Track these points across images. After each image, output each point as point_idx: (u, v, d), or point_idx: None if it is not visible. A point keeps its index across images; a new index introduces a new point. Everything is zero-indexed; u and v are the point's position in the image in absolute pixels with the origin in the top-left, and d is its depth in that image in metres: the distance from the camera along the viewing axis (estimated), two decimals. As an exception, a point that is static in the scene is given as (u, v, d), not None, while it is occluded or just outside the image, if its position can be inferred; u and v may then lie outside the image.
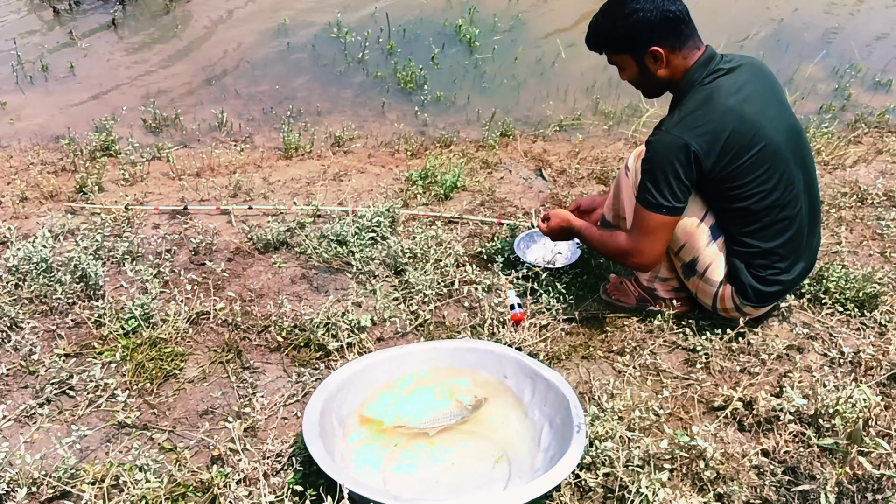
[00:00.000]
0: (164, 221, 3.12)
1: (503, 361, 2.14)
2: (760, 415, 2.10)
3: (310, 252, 2.86)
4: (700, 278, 2.35)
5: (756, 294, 2.29)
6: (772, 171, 2.16)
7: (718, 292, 2.34)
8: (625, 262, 2.36)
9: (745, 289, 2.29)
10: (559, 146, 3.90)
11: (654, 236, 2.25)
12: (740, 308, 2.34)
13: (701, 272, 2.33)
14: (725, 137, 2.10)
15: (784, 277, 2.29)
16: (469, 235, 3.03)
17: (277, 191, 3.37)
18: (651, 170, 2.17)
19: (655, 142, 2.16)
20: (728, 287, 2.33)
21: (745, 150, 2.12)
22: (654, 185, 2.17)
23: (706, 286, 2.35)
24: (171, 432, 2.09)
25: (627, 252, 2.30)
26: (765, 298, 2.32)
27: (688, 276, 2.38)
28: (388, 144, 3.91)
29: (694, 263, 2.33)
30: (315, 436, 1.83)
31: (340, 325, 2.40)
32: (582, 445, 1.83)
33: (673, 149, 2.12)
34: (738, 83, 2.16)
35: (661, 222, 2.21)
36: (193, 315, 2.50)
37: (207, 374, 2.29)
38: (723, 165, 2.12)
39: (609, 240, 2.38)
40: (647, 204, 2.20)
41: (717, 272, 2.32)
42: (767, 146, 2.14)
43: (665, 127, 2.16)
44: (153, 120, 4.04)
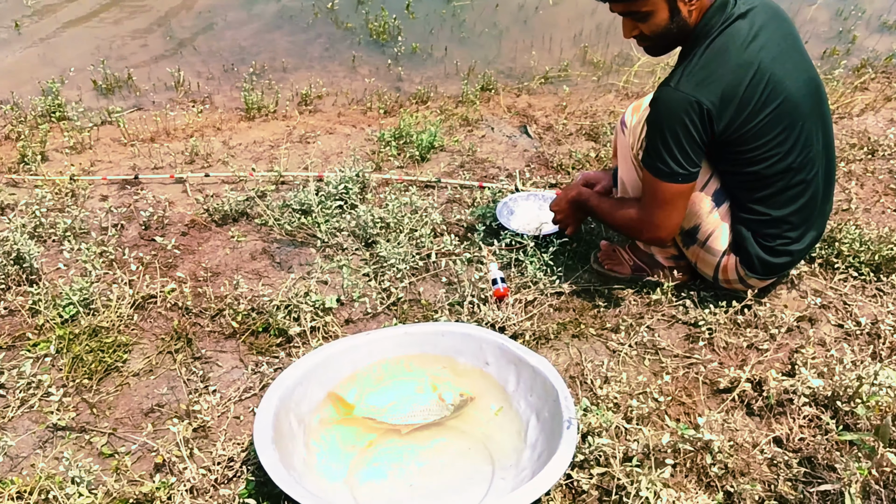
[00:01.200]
0: (112, 193, 2.84)
1: (483, 346, 1.90)
2: (771, 397, 1.88)
3: (271, 224, 2.60)
4: (701, 247, 2.10)
5: (762, 265, 2.06)
6: (789, 130, 1.90)
7: (721, 262, 2.10)
8: (639, 237, 2.14)
9: (751, 259, 2.05)
10: (545, 100, 3.62)
11: (670, 207, 2.00)
12: (744, 280, 2.11)
13: (702, 240, 2.09)
14: (741, 94, 1.84)
15: (794, 247, 2.05)
16: (447, 201, 2.77)
17: (238, 155, 3.09)
18: (660, 132, 1.91)
19: (664, 99, 1.89)
20: (732, 257, 2.09)
21: (762, 107, 1.86)
22: (665, 149, 1.91)
23: (707, 255, 2.11)
24: (112, 435, 1.85)
25: (640, 226, 2.07)
26: (772, 270, 2.08)
27: (687, 244, 2.14)
28: (359, 102, 3.62)
29: (695, 231, 2.08)
30: (267, 441, 1.60)
31: (303, 306, 2.15)
32: (573, 444, 1.60)
33: (684, 107, 1.85)
34: (754, 30, 1.88)
35: (678, 191, 1.96)
36: (139, 299, 2.25)
37: (154, 366, 2.05)
38: (737, 125, 1.87)
39: (618, 212, 2.14)
40: (658, 173, 1.94)
41: (720, 241, 2.07)
42: (786, 102, 1.88)
43: (674, 82, 1.88)
44: (104, 81, 3.73)
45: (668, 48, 2.01)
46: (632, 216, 2.08)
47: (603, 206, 2.20)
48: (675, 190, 1.96)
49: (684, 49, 1.97)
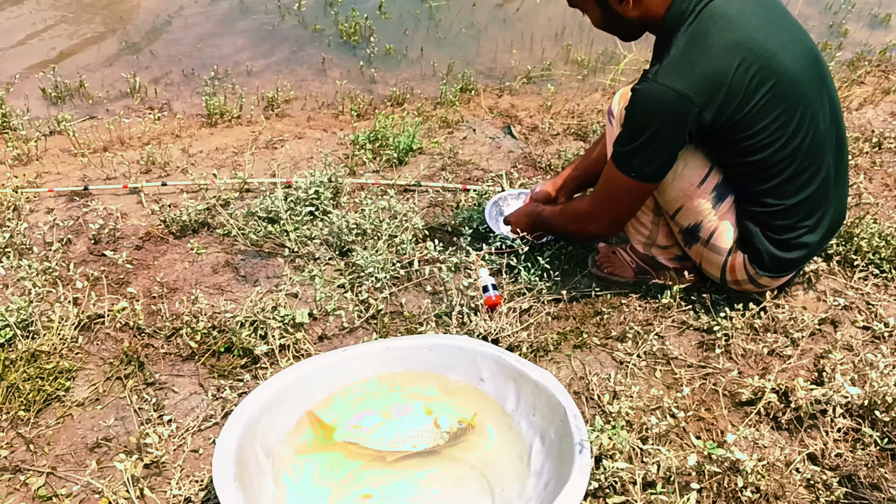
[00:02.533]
0: (60, 206, 2.58)
1: (478, 360, 1.67)
2: (801, 409, 1.67)
3: (235, 234, 2.35)
4: (704, 246, 1.90)
5: (774, 262, 1.85)
6: (790, 110, 1.70)
7: (728, 261, 1.90)
8: (584, 230, 1.99)
9: (761, 256, 1.85)
10: (528, 100, 3.42)
11: (618, 201, 1.88)
12: (755, 279, 1.90)
13: (705, 238, 1.88)
14: (730, 78, 1.64)
15: (809, 238, 1.85)
16: (429, 205, 2.55)
17: (199, 163, 2.85)
18: (634, 125, 1.74)
19: (641, 92, 1.70)
20: (740, 255, 1.88)
21: (756, 89, 1.66)
22: (630, 140, 1.74)
23: (712, 255, 1.91)
24: (51, 475, 1.60)
25: (587, 217, 1.95)
26: (785, 266, 1.88)
27: (689, 244, 1.94)
28: (330, 105, 3.39)
29: (696, 229, 1.88)
30: (229, 479, 1.35)
31: (270, 322, 1.90)
32: (587, 470, 1.38)
33: (662, 103, 1.67)
34: (736, 6, 1.69)
35: (629, 187, 1.81)
36: (85, 319, 1.99)
37: (101, 394, 1.80)
38: (730, 113, 1.67)
39: (570, 207, 2.04)
40: (617, 160, 1.79)
41: (725, 238, 1.87)
42: (783, 80, 1.68)
43: (652, 73, 1.69)
44: (53, 89, 3.46)
45: (635, 35, 1.89)
46: (580, 207, 1.99)
47: (555, 210, 2.09)
48: (627, 185, 1.80)
49: (660, 37, 1.79)
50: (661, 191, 1.85)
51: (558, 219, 2.06)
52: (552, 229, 2.12)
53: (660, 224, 1.96)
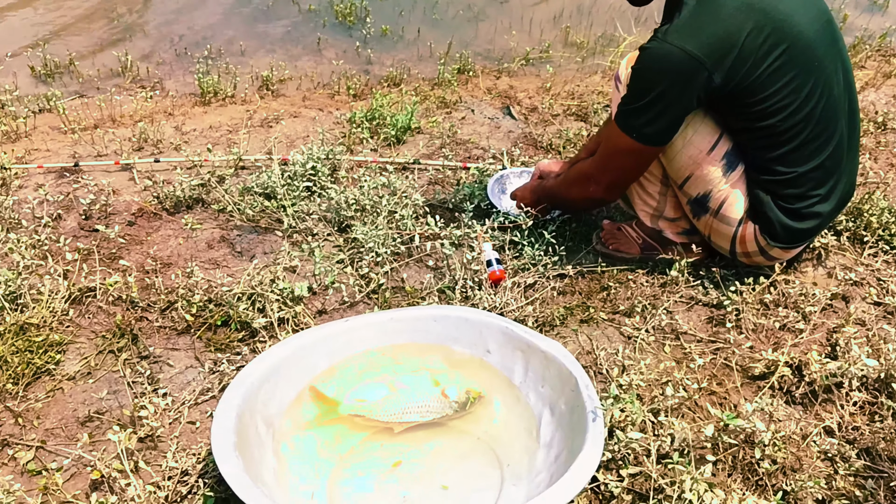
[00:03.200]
0: (49, 182, 2.51)
1: (484, 332, 1.62)
2: (815, 382, 1.63)
3: (230, 209, 2.29)
4: (714, 216, 1.85)
5: (786, 232, 1.81)
6: (803, 75, 1.66)
7: (738, 232, 1.85)
8: (585, 192, 1.92)
9: (773, 226, 1.80)
10: (527, 81, 3.36)
11: (618, 164, 1.82)
12: (765, 251, 1.86)
13: (715, 209, 1.84)
14: (741, 42, 1.60)
15: (821, 208, 1.81)
16: (429, 183, 2.49)
17: (192, 141, 2.78)
18: (640, 85, 1.69)
19: (650, 51, 1.65)
20: (750, 225, 1.84)
21: (769, 52, 1.62)
22: (635, 99, 1.69)
23: (722, 226, 1.86)
24: (40, 448, 1.53)
25: (586, 176, 1.90)
26: (797, 237, 1.84)
27: (698, 215, 1.89)
28: (326, 86, 3.33)
29: (705, 199, 1.83)
30: (229, 448, 1.30)
31: (269, 295, 1.85)
32: (601, 440, 1.33)
33: (670, 62, 1.62)
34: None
35: (630, 149, 1.76)
36: (76, 292, 1.92)
37: (93, 367, 1.73)
38: (741, 76, 1.62)
39: (573, 168, 1.97)
40: (620, 119, 1.75)
41: (735, 208, 1.83)
42: (795, 44, 1.64)
43: (661, 34, 1.64)
44: (43, 67, 3.38)
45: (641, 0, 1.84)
46: (582, 168, 1.93)
47: (558, 178, 2.03)
48: (628, 146, 1.75)
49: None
50: (669, 159, 1.81)
51: (561, 185, 2.01)
52: (556, 198, 2.06)
53: (668, 195, 1.92)
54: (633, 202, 1.99)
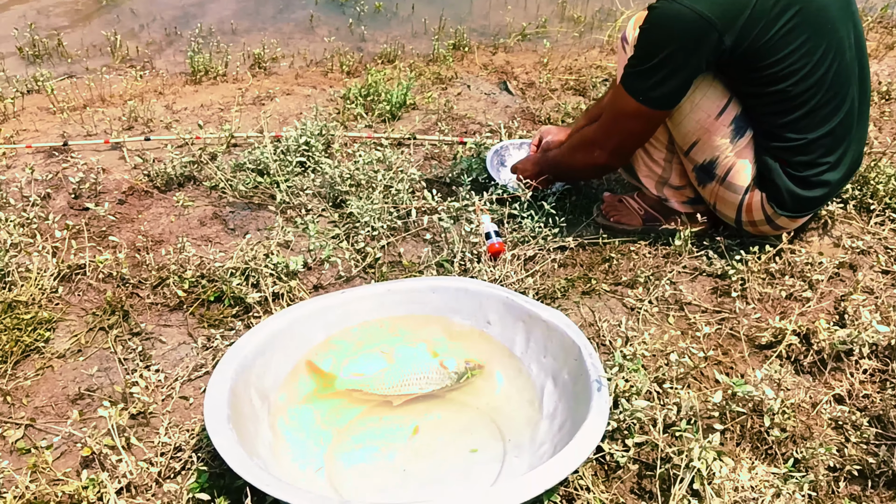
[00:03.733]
0: (38, 162, 2.45)
1: (484, 303, 1.58)
2: (823, 351, 1.59)
3: (223, 186, 2.24)
4: (720, 184, 1.81)
5: (794, 200, 1.77)
6: (815, 38, 1.61)
7: (744, 201, 1.81)
8: (588, 158, 1.87)
9: (780, 194, 1.76)
10: (524, 57, 3.31)
11: (623, 128, 1.77)
12: (772, 220, 1.82)
13: (721, 176, 1.79)
14: (753, 3, 1.55)
15: (830, 176, 1.76)
16: (425, 158, 2.45)
17: (183, 120, 2.73)
18: (645, 44, 1.64)
19: (659, 10, 1.60)
20: (757, 193, 1.79)
21: (779, 15, 1.57)
22: (642, 61, 1.65)
23: (728, 194, 1.82)
24: (30, 426, 1.49)
25: (590, 141, 1.84)
26: (804, 205, 1.79)
27: (703, 182, 1.84)
28: (319, 63, 3.27)
29: (711, 166, 1.79)
30: (222, 421, 1.25)
31: (263, 270, 1.80)
32: (605, 408, 1.29)
33: (680, 22, 1.57)
34: None
35: (635, 112, 1.71)
36: (65, 269, 1.88)
37: (83, 345, 1.69)
38: (750, 41, 1.57)
39: (576, 135, 1.92)
40: (626, 81, 1.70)
41: (742, 175, 1.78)
42: (807, 7, 1.59)
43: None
44: (31, 48, 3.32)
45: None
46: (586, 134, 1.87)
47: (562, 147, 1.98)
48: (634, 109, 1.71)
49: None
50: (675, 124, 1.76)
51: (565, 153, 1.96)
52: (560, 167, 2.01)
53: (673, 162, 1.87)
54: (637, 169, 1.94)
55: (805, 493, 1.24)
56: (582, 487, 1.29)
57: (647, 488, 1.31)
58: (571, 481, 1.30)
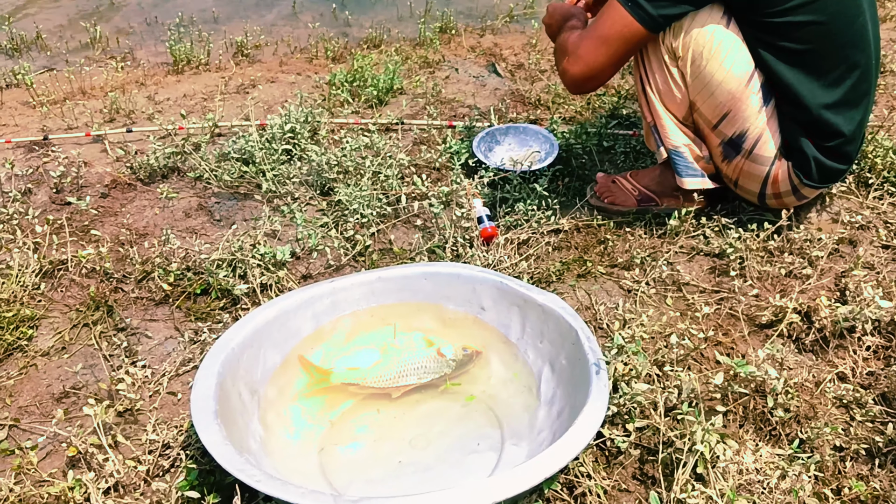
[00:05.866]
0: (18, 157, 2.40)
1: (477, 288, 1.54)
2: (826, 328, 1.56)
3: (208, 177, 2.19)
4: (747, 157, 1.75)
5: (820, 170, 1.72)
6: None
7: (770, 172, 1.75)
8: (559, 63, 1.77)
9: (808, 162, 1.71)
10: (512, 38, 3.26)
11: (603, 40, 1.67)
12: (797, 189, 1.76)
13: (748, 149, 1.73)
14: None
15: (851, 148, 1.73)
16: (413, 143, 2.40)
17: (166, 111, 2.67)
18: None
19: None
20: (783, 163, 1.74)
21: None
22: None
23: (754, 167, 1.76)
24: (14, 427, 1.45)
25: (569, 50, 1.72)
26: (829, 176, 1.75)
27: (729, 157, 1.77)
28: (303, 50, 3.21)
29: (741, 139, 1.72)
30: (209, 416, 1.21)
31: (250, 261, 1.75)
32: (605, 393, 1.26)
33: None
34: None
35: (622, 25, 1.64)
36: (47, 265, 1.83)
37: (67, 342, 1.64)
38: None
39: (565, 34, 1.77)
40: None
41: (769, 146, 1.72)
42: None
43: None
44: (9, 41, 3.25)
45: None
46: (569, 37, 1.74)
47: (568, 27, 1.81)
48: (621, 21, 1.63)
49: None
50: (706, 96, 1.69)
51: (560, 38, 1.81)
52: (556, 41, 1.86)
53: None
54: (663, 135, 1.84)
55: (812, 475, 1.21)
56: (583, 474, 1.26)
57: (650, 473, 1.27)
58: (572, 468, 1.27)
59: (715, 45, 1.65)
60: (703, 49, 1.66)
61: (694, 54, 1.67)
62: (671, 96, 1.76)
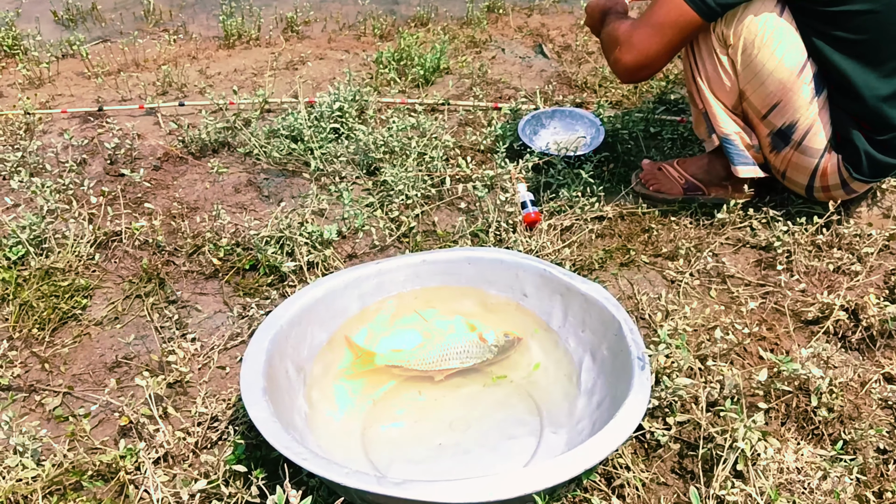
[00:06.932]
0: (74, 127, 2.46)
1: (520, 274, 1.54)
2: (873, 327, 1.54)
3: (257, 152, 2.22)
4: (796, 149, 1.73)
5: (871, 164, 1.69)
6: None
7: (819, 165, 1.73)
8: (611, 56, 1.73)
9: (859, 156, 1.68)
10: (559, 19, 3.23)
11: (658, 28, 1.63)
12: (847, 183, 1.74)
13: (798, 140, 1.71)
14: None
15: None
16: (459, 124, 2.40)
17: (217, 85, 2.71)
18: None
19: None
20: (833, 156, 1.72)
21: None
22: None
23: (803, 158, 1.74)
24: (68, 394, 1.50)
25: (620, 40, 1.68)
26: (881, 170, 1.71)
27: (778, 148, 1.76)
28: (351, 27, 3.23)
29: (790, 130, 1.70)
30: (258, 393, 1.24)
31: (297, 239, 1.79)
32: (647, 387, 1.25)
33: None
34: None
35: (678, 13, 1.61)
36: (101, 236, 1.88)
37: (120, 312, 1.69)
38: None
39: (614, 24, 1.74)
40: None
41: (819, 137, 1.70)
42: None
43: None
44: (65, 12, 3.32)
45: None
46: (619, 27, 1.70)
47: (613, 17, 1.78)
48: (686, 17, 1.60)
49: None
50: (756, 86, 1.67)
51: (605, 29, 1.78)
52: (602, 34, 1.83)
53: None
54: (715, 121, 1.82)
55: (854, 477, 1.20)
56: (621, 466, 1.27)
57: (689, 468, 1.28)
58: (611, 459, 1.28)
59: (767, 33, 1.62)
60: (754, 38, 1.63)
61: (745, 43, 1.65)
62: (720, 84, 1.74)
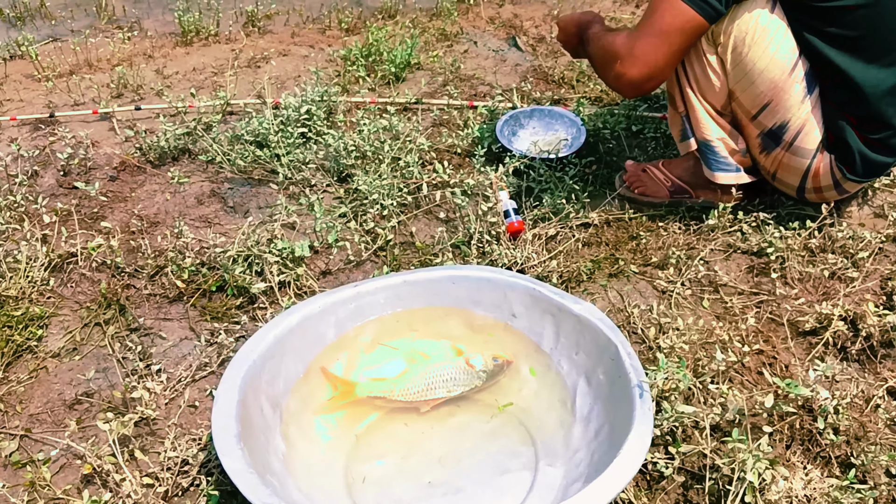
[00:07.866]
0: (24, 135, 2.31)
1: (508, 294, 1.46)
2: (873, 336, 1.48)
3: (220, 160, 2.10)
4: (787, 149, 1.66)
5: (865, 164, 1.63)
6: None
7: (811, 165, 1.67)
8: (608, 70, 1.63)
9: (852, 155, 1.62)
10: (532, 9, 3.13)
11: (662, 37, 1.55)
12: (840, 184, 1.68)
13: (789, 141, 1.65)
14: None
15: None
16: (433, 125, 2.30)
17: (175, 85, 2.57)
18: None
19: None
20: (826, 156, 1.66)
21: None
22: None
23: (794, 159, 1.67)
24: (25, 437, 1.39)
25: (618, 53, 1.58)
26: (874, 170, 1.66)
27: (768, 149, 1.69)
28: (316, 20, 3.09)
29: (781, 130, 1.64)
30: (232, 440, 1.14)
31: (267, 256, 1.68)
32: (650, 418, 1.18)
33: None
34: None
35: (682, 20, 1.53)
36: (56, 259, 1.75)
37: (78, 343, 1.58)
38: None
39: (607, 38, 1.65)
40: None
41: (810, 138, 1.64)
42: None
43: None
44: (11, 9, 3.14)
45: None
46: (614, 40, 1.61)
47: (598, 31, 1.71)
48: (691, 22, 1.53)
49: None
50: (746, 85, 1.61)
51: (595, 44, 1.70)
52: (588, 52, 1.77)
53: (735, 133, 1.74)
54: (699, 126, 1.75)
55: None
56: (624, 501, 1.19)
57: (694, 500, 1.21)
58: (611, 493, 1.20)
59: (759, 31, 1.55)
60: (745, 35, 1.56)
61: (736, 40, 1.57)
62: (709, 86, 1.67)
